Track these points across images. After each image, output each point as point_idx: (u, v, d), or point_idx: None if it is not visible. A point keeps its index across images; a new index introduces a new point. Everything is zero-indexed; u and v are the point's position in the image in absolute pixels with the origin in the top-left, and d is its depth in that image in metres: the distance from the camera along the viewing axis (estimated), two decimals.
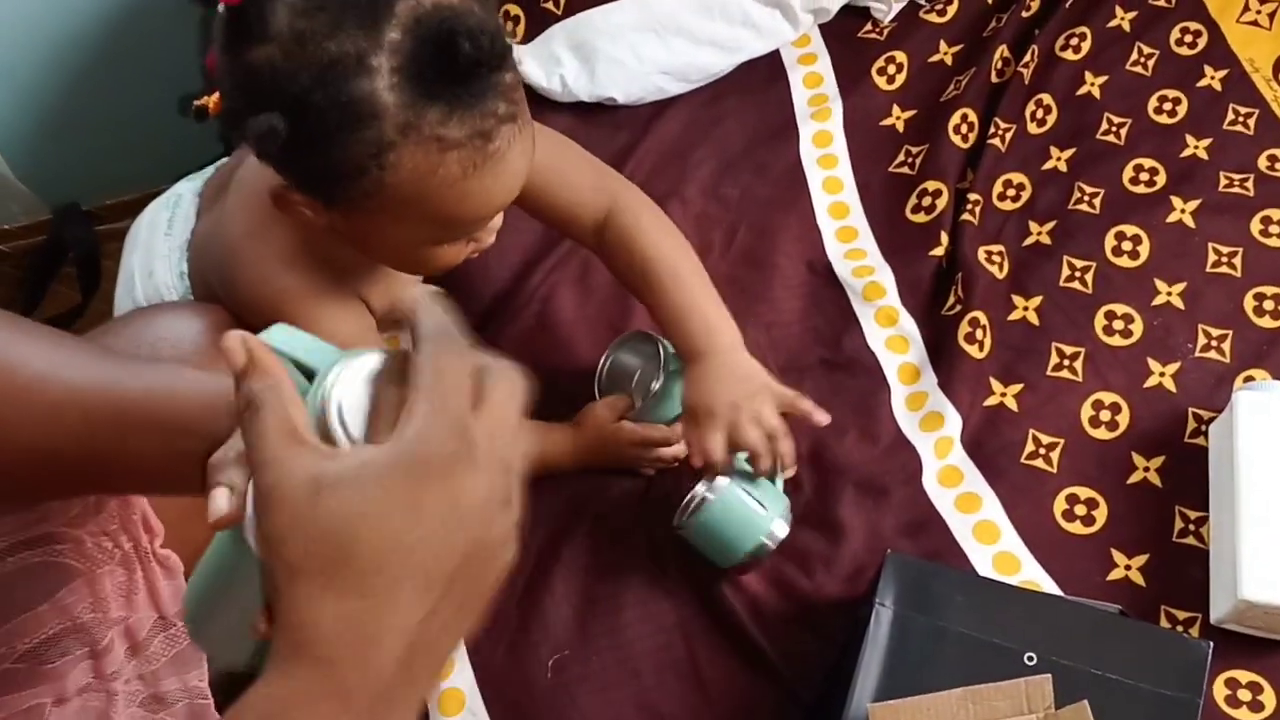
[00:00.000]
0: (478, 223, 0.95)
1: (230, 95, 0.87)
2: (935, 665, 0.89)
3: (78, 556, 0.88)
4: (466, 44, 0.81)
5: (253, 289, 1.03)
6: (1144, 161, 1.32)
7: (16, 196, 1.69)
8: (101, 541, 0.89)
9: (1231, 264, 1.23)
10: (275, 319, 0.90)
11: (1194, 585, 1.04)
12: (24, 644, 0.85)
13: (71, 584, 0.88)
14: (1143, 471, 1.11)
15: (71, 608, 0.87)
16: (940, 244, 1.26)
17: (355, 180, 0.86)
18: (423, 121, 0.83)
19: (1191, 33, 1.41)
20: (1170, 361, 1.17)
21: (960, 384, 1.16)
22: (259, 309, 1.02)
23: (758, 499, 1.03)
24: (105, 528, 0.89)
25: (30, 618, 0.85)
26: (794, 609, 1.05)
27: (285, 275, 1.01)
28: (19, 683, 0.84)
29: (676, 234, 1.13)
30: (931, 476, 1.12)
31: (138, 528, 0.91)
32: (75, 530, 0.88)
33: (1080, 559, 1.07)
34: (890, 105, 1.40)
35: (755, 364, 1.07)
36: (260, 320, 1.02)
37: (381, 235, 0.94)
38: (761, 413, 1.03)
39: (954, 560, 1.06)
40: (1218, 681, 0.98)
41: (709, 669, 1.03)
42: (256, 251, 1.02)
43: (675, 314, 1.08)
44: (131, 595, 0.91)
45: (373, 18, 0.81)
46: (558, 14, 1.42)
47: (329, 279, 1.03)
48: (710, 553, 1.04)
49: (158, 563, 0.93)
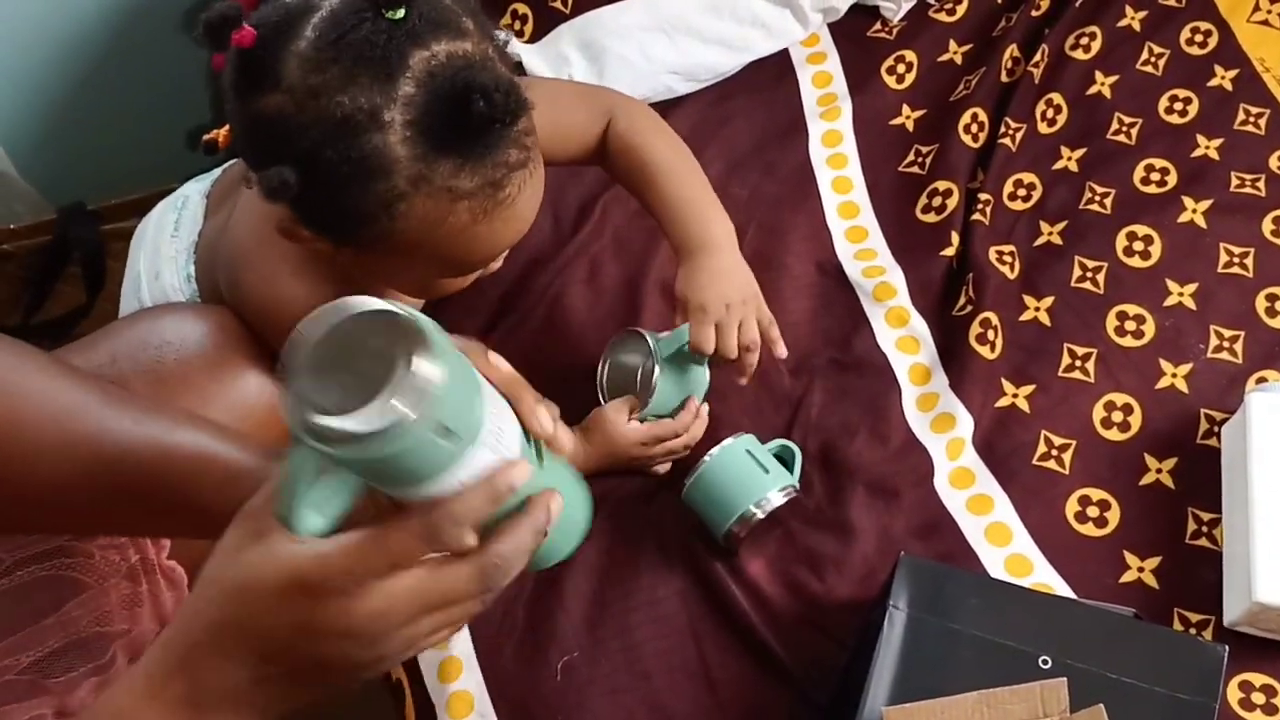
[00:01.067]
0: (486, 261, 0.95)
1: (240, 139, 0.87)
2: (949, 668, 0.88)
3: (86, 570, 0.88)
4: (481, 101, 0.80)
5: (259, 295, 1.02)
6: (1155, 161, 1.31)
7: (21, 196, 1.68)
8: (110, 555, 0.89)
9: (1243, 264, 1.22)
10: (280, 326, 0.91)
11: (1207, 587, 1.03)
12: (29, 656, 0.85)
13: (79, 597, 0.87)
14: (1155, 473, 1.11)
15: (77, 621, 0.87)
16: (951, 244, 1.26)
17: (365, 227, 0.86)
18: (434, 174, 0.83)
19: (1202, 32, 1.41)
20: (1182, 362, 1.17)
21: (971, 385, 1.16)
22: (265, 315, 1.02)
23: (761, 463, 1.06)
24: (116, 540, 0.89)
25: (35, 630, 0.85)
26: (805, 610, 1.04)
27: (293, 284, 1.00)
28: (21, 694, 0.84)
29: (672, 135, 1.16)
30: (943, 478, 1.11)
31: (145, 541, 0.91)
32: (86, 544, 0.87)
33: (1092, 561, 1.06)
34: (900, 104, 1.40)
35: (747, 269, 1.11)
36: (265, 326, 1.02)
37: (389, 271, 0.95)
38: (747, 320, 1.08)
39: (966, 562, 1.06)
40: (1231, 684, 0.98)
41: (720, 671, 1.03)
42: (265, 258, 1.01)
43: (672, 208, 1.11)
44: (135, 608, 0.91)
45: (386, 71, 0.80)
46: (566, 13, 1.42)
47: (337, 290, 1.01)
48: (709, 511, 1.06)
49: (163, 575, 0.92)
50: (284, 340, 0.56)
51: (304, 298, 1.00)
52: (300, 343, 0.55)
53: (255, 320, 1.03)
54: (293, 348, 0.55)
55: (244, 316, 1.04)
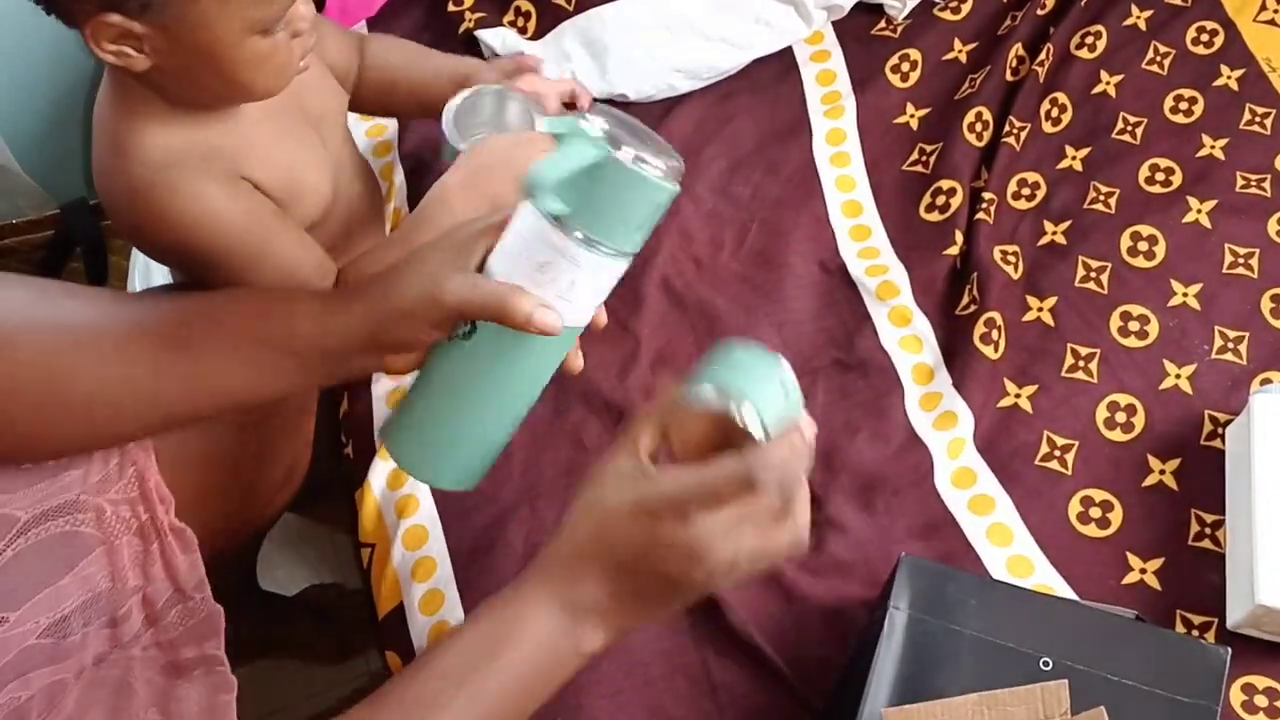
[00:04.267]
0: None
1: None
2: (950, 670, 0.88)
3: (97, 526, 0.90)
4: None
5: (131, 181, 0.98)
6: (1160, 161, 1.31)
7: (24, 191, 1.68)
8: (120, 510, 0.91)
9: (1248, 265, 1.22)
10: (165, 207, 0.98)
11: (1210, 590, 1.03)
12: (47, 618, 0.86)
13: (91, 554, 0.89)
14: (1158, 474, 1.10)
15: (91, 578, 0.90)
16: (955, 243, 1.25)
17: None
18: None
19: (1208, 32, 1.40)
20: (1186, 363, 1.16)
21: (974, 385, 1.15)
22: (149, 204, 0.98)
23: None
24: (126, 495, 0.91)
25: (53, 591, 0.87)
26: (805, 611, 1.04)
27: (153, 157, 0.97)
28: (43, 659, 0.85)
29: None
30: (944, 477, 1.11)
31: (153, 497, 0.92)
32: (96, 498, 0.89)
33: (1095, 562, 1.06)
34: (904, 103, 1.39)
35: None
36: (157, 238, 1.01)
37: (200, 42, 0.92)
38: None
39: (967, 563, 1.06)
40: (1234, 687, 0.97)
41: (720, 673, 1.02)
42: (120, 150, 0.98)
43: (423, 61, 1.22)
44: (148, 566, 0.93)
45: None
46: (569, 10, 1.42)
47: (203, 158, 0.99)
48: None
49: (173, 535, 0.94)
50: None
51: (169, 167, 0.97)
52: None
53: (138, 223, 1.00)
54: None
55: (131, 226, 1.02)
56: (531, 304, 0.75)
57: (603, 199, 0.74)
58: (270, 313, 0.86)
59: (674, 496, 0.70)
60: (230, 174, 1.00)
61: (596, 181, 0.73)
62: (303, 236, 1.06)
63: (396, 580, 1.09)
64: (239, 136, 1.02)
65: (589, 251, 0.75)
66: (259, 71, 0.95)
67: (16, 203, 1.70)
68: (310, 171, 1.09)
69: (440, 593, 1.07)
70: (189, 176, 0.97)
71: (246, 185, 1.01)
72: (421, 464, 0.83)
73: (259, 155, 1.03)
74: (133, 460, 0.93)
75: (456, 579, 1.07)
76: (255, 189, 1.02)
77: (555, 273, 0.75)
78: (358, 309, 0.82)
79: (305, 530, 1.53)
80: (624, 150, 0.72)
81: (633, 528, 0.71)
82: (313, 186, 1.08)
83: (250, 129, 1.03)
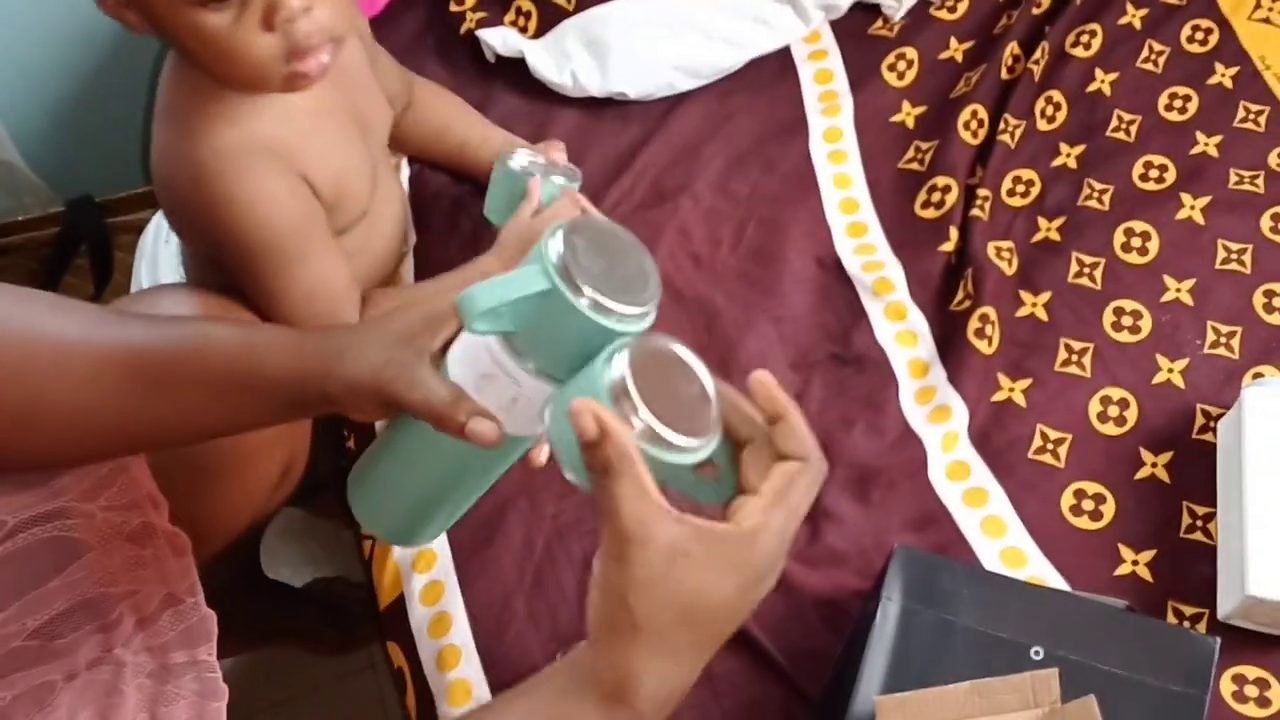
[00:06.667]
0: None
1: None
2: (941, 659, 0.89)
3: (88, 531, 0.89)
4: None
5: (199, 163, 0.99)
6: (1154, 158, 1.32)
7: (30, 188, 1.69)
8: (112, 516, 0.90)
9: (1241, 261, 1.23)
10: (230, 192, 0.98)
11: (1201, 581, 1.04)
12: (34, 620, 0.86)
13: (82, 559, 0.89)
14: (1150, 467, 1.11)
15: (81, 583, 0.88)
16: (950, 239, 1.26)
17: None
18: None
19: (1203, 30, 1.41)
20: (1179, 358, 1.17)
21: (968, 379, 1.16)
22: (213, 187, 0.99)
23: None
24: (117, 501, 0.91)
25: (41, 594, 0.86)
26: (800, 602, 1.05)
27: (223, 142, 0.98)
28: (29, 660, 0.85)
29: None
30: (939, 470, 1.12)
31: (146, 502, 0.92)
32: (87, 504, 0.89)
33: (1087, 554, 1.07)
34: (900, 101, 1.40)
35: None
36: (211, 236, 1.02)
37: (155, 12, 0.94)
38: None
39: (961, 554, 1.07)
40: (1224, 677, 0.98)
41: (715, 664, 1.02)
42: (188, 132, 1.00)
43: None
44: (140, 570, 0.92)
45: None
46: (569, 9, 1.43)
47: (268, 149, 1.00)
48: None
49: (166, 540, 0.94)
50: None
51: (229, 154, 0.98)
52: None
53: (195, 215, 1.02)
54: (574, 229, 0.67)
55: (191, 220, 1.03)
56: (467, 413, 0.70)
57: (551, 335, 0.68)
58: (242, 351, 0.83)
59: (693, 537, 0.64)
60: (293, 170, 1.01)
61: (546, 315, 0.67)
62: (341, 257, 1.07)
63: (397, 572, 1.11)
64: (297, 132, 1.02)
65: (533, 379, 0.70)
66: (228, 48, 0.93)
67: (22, 200, 1.71)
68: (354, 177, 1.09)
69: (440, 583, 1.08)
70: (258, 165, 0.98)
71: (306, 188, 1.02)
72: (367, 513, 0.81)
73: (316, 153, 1.03)
74: (124, 465, 0.92)
75: (456, 570, 1.08)
76: (312, 192, 1.03)
77: (498, 386, 0.71)
78: (316, 365, 0.79)
79: (309, 524, 1.54)
80: (583, 295, 0.65)
81: (670, 576, 0.65)
82: (354, 191, 1.09)
83: (308, 123, 1.03)
